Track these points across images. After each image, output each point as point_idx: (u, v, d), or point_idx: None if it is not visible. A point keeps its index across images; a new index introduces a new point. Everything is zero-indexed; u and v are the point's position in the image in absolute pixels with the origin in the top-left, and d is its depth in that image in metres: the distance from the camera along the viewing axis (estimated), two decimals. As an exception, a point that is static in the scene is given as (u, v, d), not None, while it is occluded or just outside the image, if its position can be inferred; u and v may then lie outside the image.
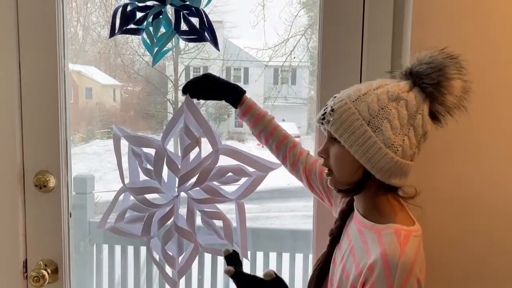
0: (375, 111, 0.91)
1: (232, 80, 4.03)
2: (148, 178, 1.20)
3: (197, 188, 1.19)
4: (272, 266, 2.73)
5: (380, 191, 0.96)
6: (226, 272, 0.97)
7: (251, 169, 1.21)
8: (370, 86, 0.95)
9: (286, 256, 2.73)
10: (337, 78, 1.27)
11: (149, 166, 1.21)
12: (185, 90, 1.19)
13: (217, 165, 1.19)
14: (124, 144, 1.23)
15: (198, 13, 1.19)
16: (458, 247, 1.23)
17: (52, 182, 1.33)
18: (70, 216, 1.41)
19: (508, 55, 1.18)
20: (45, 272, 1.33)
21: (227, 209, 1.28)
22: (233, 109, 1.21)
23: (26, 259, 1.37)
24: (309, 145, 1.33)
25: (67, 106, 1.37)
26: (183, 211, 1.22)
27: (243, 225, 1.23)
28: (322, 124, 0.97)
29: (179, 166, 1.17)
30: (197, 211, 1.22)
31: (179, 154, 1.18)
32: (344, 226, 1.06)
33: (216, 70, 3.98)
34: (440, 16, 1.17)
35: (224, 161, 1.22)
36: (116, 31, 1.18)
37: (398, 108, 0.91)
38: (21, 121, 1.33)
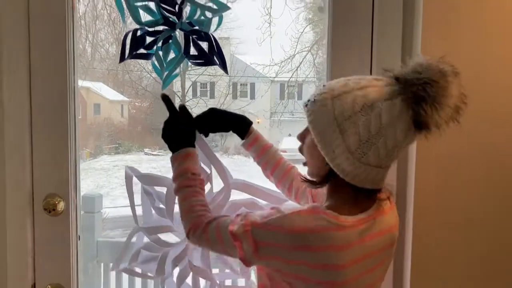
0: (348, 114, 0.90)
1: (238, 96, 4.07)
2: (160, 217, 1.20)
3: None
4: None
5: (343, 187, 0.92)
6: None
7: (263, 202, 1.20)
8: (356, 84, 0.94)
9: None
10: None
11: (161, 205, 1.20)
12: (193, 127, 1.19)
13: (229, 200, 1.18)
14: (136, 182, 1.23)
15: (207, 37, 1.19)
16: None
17: (61, 205, 1.33)
18: (79, 239, 1.40)
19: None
20: (53, 296, 1.32)
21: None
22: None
23: (34, 283, 1.36)
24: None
25: (76, 128, 1.37)
26: (198, 249, 1.21)
27: None
28: (304, 111, 0.96)
29: None
30: None
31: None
32: None
33: (223, 85, 4.01)
34: (450, 26, 1.17)
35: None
36: (126, 56, 1.19)
37: (371, 116, 0.90)
38: (31, 144, 1.33)
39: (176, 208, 1.17)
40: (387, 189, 0.97)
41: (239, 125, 1.17)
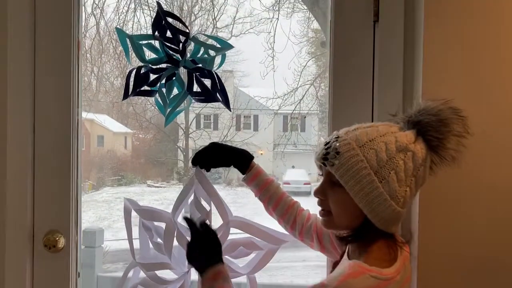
0: (383, 161, 0.89)
1: (242, 128, 4.09)
2: (158, 253, 1.18)
3: None
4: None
5: (376, 236, 0.94)
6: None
7: (262, 242, 1.18)
8: (376, 131, 0.93)
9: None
10: (348, 125, 1.27)
11: (159, 240, 1.19)
12: (194, 162, 1.19)
13: (228, 239, 1.17)
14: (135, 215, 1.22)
15: (210, 75, 1.21)
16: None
17: (61, 242, 1.31)
18: (79, 276, 1.38)
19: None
20: (51, 336, 1.29)
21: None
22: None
23: (32, 322, 1.34)
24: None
25: (79, 164, 1.37)
26: (195, 286, 1.19)
27: None
28: (324, 164, 0.92)
29: None
30: None
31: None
32: None
33: (226, 118, 4.03)
34: (452, 63, 1.17)
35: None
36: (130, 93, 1.20)
37: (405, 159, 0.90)
38: (33, 180, 1.33)
39: (175, 243, 1.16)
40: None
41: (240, 159, 1.17)
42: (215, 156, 1.17)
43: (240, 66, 3.67)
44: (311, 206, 1.23)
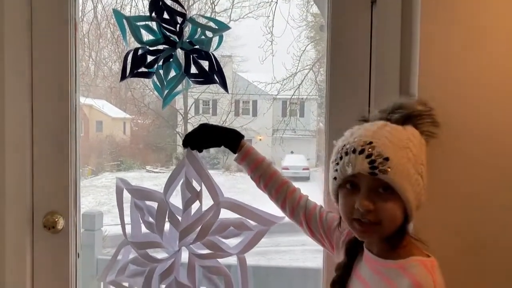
0: (417, 158, 0.91)
1: (240, 113, 4.08)
2: (149, 232, 1.20)
3: (199, 242, 1.17)
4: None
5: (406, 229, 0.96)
6: None
7: (253, 223, 1.19)
8: (395, 129, 0.94)
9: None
10: (346, 110, 1.27)
11: (151, 219, 1.20)
12: (185, 144, 1.19)
13: (218, 219, 1.18)
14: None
15: (207, 56, 1.21)
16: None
17: (61, 223, 1.33)
18: (78, 257, 1.39)
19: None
20: (51, 315, 1.31)
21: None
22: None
23: (33, 301, 1.35)
24: (319, 177, 1.31)
25: (77, 146, 1.38)
26: (185, 265, 1.20)
27: (244, 280, 1.20)
28: (374, 174, 0.88)
29: (180, 220, 1.17)
30: (199, 265, 1.20)
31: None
32: (348, 278, 1.04)
33: (225, 103, 4.02)
34: (448, 47, 1.17)
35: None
36: (127, 74, 1.20)
37: (422, 151, 0.94)
38: (32, 162, 1.34)
39: (167, 225, 1.17)
40: None
41: (231, 139, 1.17)
42: (205, 137, 1.18)
43: (239, 51, 3.65)
44: (309, 192, 1.24)
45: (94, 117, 4.33)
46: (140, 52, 1.20)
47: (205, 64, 1.22)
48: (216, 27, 1.20)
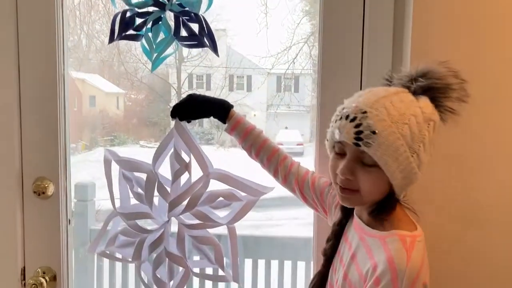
0: (415, 135, 0.88)
1: (235, 88, 4.06)
2: (138, 203, 1.19)
3: (188, 213, 1.17)
4: (274, 274, 2.71)
5: (395, 203, 0.96)
6: None
7: (242, 194, 1.19)
8: (400, 102, 0.89)
9: (288, 264, 2.71)
10: (338, 85, 1.26)
11: (140, 190, 1.20)
12: (173, 114, 1.18)
13: (208, 190, 1.17)
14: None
15: (197, 19, 1.18)
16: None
17: (51, 189, 1.32)
18: (69, 223, 1.39)
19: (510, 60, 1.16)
20: (43, 280, 1.32)
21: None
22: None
23: (24, 267, 1.36)
24: (313, 152, 1.31)
25: (66, 112, 1.36)
26: (175, 235, 1.21)
27: (234, 250, 1.21)
28: (357, 145, 0.87)
29: (169, 191, 1.17)
30: (188, 236, 1.20)
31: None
32: (338, 245, 1.05)
33: (219, 77, 3.99)
34: (441, 23, 1.16)
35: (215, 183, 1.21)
36: (115, 37, 1.18)
37: (429, 130, 0.90)
38: (20, 127, 1.33)
39: (156, 197, 1.17)
40: None
41: (220, 110, 1.16)
42: (194, 108, 1.17)
43: (232, 24, 3.60)
44: (304, 166, 1.23)
45: (87, 92, 4.29)
46: (128, 14, 1.18)
47: (195, 27, 1.20)
48: (206, -13, 1.17)
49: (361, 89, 1.23)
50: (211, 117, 1.18)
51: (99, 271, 2.68)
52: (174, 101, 3.97)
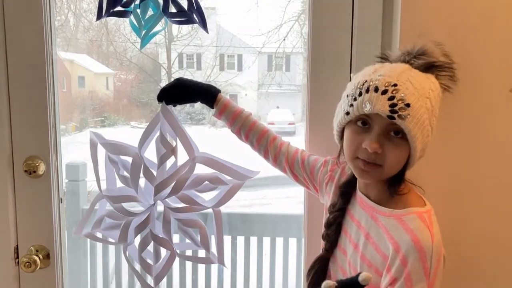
0: (434, 109, 0.90)
1: (225, 67, 4.03)
2: (124, 186, 1.20)
3: (174, 196, 1.18)
4: (266, 251, 2.75)
5: (403, 177, 0.97)
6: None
7: (228, 177, 1.20)
8: (418, 75, 0.90)
9: (279, 241, 2.75)
10: (328, 64, 1.26)
11: (126, 174, 1.20)
12: (160, 98, 1.17)
13: (193, 174, 1.18)
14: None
15: (186, -6, 1.17)
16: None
17: (42, 168, 1.32)
18: (61, 202, 1.40)
19: (502, 45, 1.16)
20: (36, 258, 1.33)
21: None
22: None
23: (17, 245, 1.37)
24: (304, 131, 1.32)
25: (55, 92, 1.35)
26: (160, 218, 1.22)
27: (219, 233, 1.22)
28: (392, 118, 0.85)
29: (155, 175, 1.17)
30: (174, 218, 1.21)
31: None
32: (341, 228, 1.05)
33: (209, 57, 3.95)
34: (430, 2, 1.16)
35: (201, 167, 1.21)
36: (103, 13, 1.17)
37: (438, 104, 0.93)
38: (9, 106, 1.32)
39: (142, 180, 1.17)
40: None
41: (207, 94, 1.16)
42: (181, 93, 1.16)
43: (222, 2, 3.56)
44: (295, 145, 1.24)
45: (76, 72, 4.24)
46: (116, -11, 1.16)
47: (184, 3, 1.19)
48: (194, -38, 1.16)
49: (351, 68, 1.23)
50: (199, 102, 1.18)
51: (92, 249, 2.70)
52: (164, 81, 3.93)
